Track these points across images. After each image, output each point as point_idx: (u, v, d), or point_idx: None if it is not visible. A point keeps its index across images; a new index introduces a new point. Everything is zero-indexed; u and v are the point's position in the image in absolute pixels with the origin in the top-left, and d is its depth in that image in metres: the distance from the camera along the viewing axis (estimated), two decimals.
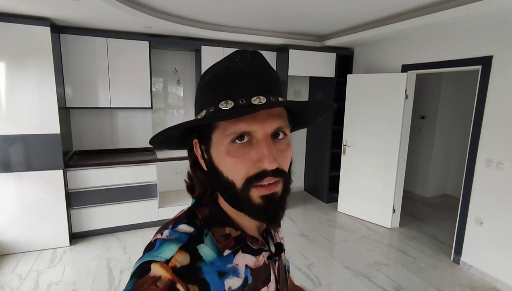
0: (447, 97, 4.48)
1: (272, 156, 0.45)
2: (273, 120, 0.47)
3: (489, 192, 2.64)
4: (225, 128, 0.46)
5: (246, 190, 0.46)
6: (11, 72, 2.63)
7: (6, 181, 2.73)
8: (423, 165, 4.71)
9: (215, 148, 0.48)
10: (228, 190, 0.48)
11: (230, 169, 0.47)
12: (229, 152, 0.46)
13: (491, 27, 2.54)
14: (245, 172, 0.46)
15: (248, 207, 0.47)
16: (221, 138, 0.47)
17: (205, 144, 0.50)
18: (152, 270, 0.41)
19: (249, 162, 0.46)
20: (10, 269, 2.61)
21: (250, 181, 0.46)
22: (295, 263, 2.82)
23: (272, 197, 0.47)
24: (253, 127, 0.45)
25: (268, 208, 0.47)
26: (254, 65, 0.49)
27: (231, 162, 0.46)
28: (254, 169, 0.46)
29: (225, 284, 0.46)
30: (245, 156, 0.46)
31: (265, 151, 0.45)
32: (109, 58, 3.18)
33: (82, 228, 3.12)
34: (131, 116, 3.66)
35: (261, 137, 0.46)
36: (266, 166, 0.45)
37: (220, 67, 0.49)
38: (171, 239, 0.46)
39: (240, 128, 0.45)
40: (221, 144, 0.47)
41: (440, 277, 2.69)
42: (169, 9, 2.74)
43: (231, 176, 0.47)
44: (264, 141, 0.46)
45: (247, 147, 0.46)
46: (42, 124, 2.76)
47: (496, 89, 2.55)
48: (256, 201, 0.46)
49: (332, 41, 3.72)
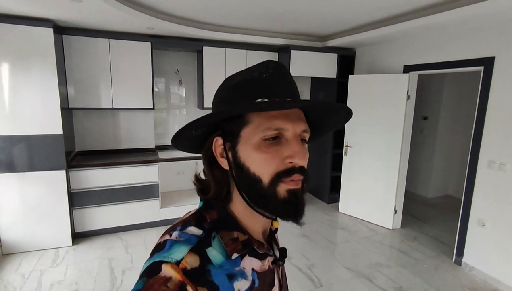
0: (450, 98, 4.47)
1: (302, 153, 0.48)
2: (301, 123, 0.51)
3: (491, 193, 2.63)
4: (259, 124, 0.48)
5: (274, 185, 0.48)
6: (15, 73, 2.65)
7: (9, 181, 2.76)
8: (425, 166, 4.69)
9: (243, 143, 0.50)
10: (253, 187, 0.49)
11: (259, 164, 0.48)
12: (259, 147, 0.48)
13: (493, 28, 2.53)
14: (274, 168, 0.48)
15: (274, 202, 0.48)
16: (253, 134, 0.49)
17: (231, 141, 0.51)
18: (163, 270, 0.42)
19: (279, 159, 0.48)
20: (14, 269, 2.63)
21: (279, 176, 0.48)
22: (296, 264, 2.83)
23: (297, 192, 0.49)
24: (286, 125, 0.48)
25: (293, 202, 0.48)
26: (284, 74, 0.52)
27: (261, 157, 0.48)
28: (283, 165, 0.48)
29: (234, 286, 0.46)
30: (276, 152, 0.48)
31: (297, 147, 0.48)
32: (111, 59, 3.20)
33: (84, 228, 3.15)
34: (133, 116, 3.68)
35: (291, 136, 0.49)
36: (297, 161, 0.48)
37: (250, 73, 0.52)
38: (181, 240, 0.46)
39: (275, 125, 0.48)
40: (251, 139, 0.49)
41: (441, 278, 2.68)
42: (171, 10, 2.76)
43: (259, 172, 0.48)
44: (295, 140, 0.49)
45: (277, 145, 0.49)
46: (45, 124, 2.78)
47: (498, 90, 2.54)
48: (282, 195, 0.48)
49: (334, 42, 3.71)
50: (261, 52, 3.84)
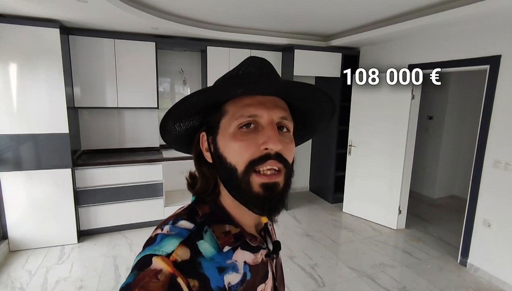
0: (455, 97, 4.42)
1: (276, 137, 0.47)
2: (279, 110, 0.50)
3: (497, 193, 2.60)
4: (234, 112, 0.49)
5: (247, 174, 0.47)
6: (22, 73, 2.69)
7: (17, 179, 2.80)
8: (431, 166, 4.65)
9: (222, 134, 0.50)
10: (230, 177, 0.49)
11: (235, 152, 0.48)
12: (235, 135, 0.49)
13: (499, 26, 2.50)
14: (248, 155, 0.48)
15: (248, 195, 0.48)
16: (229, 123, 0.49)
17: (213, 133, 0.52)
18: (154, 263, 0.42)
19: (254, 146, 0.48)
20: (21, 265, 2.68)
21: (252, 163, 0.47)
22: (299, 263, 2.83)
23: (273, 186, 0.48)
24: (260, 112, 0.48)
25: (267, 197, 0.48)
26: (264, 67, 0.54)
27: (236, 145, 0.48)
28: (258, 152, 0.47)
29: (224, 279, 0.47)
30: (251, 140, 0.48)
31: (271, 133, 0.48)
32: (116, 59, 3.23)
33: (89, 225, 3.18)
34: (138, 116, 3.71)
35: (267, 122, 0.49)
36: (270, 146, 0.47)
37: (231, 71, 0.55)
38: (172, 234, 0.47)
39: (249, 112, 0.48)
40: (228, 129, 0.49)
41: (446, 279, 2.65)
42: (175, 10, 2.78)
43: (234, 161, 0.48)
44: (270, 125, 0.49)
45: (253, 133, 0.49)
46: (52, 124, 2.82)
47: (504, 89, 2.51)
48: (256, 189, 0.47)
49: (338, 41, 3.70)
50: (265, 51, 3.84)
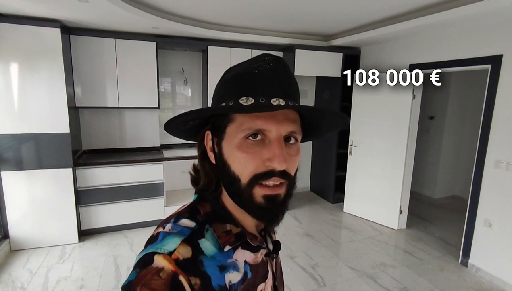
0: (456, 97, 4.41)
1: (283, 157, 0.46)
2: (288, 124, 0.48)
3: (498, 193, 2.59)
4: (242, 122, 0.47)
5: (250, 187, 0.47)
6: (23, 73, 2.70)
7: (18, 179, 2.81)
8: (432, 166, 4.64)
9: (227, 141, 0.49)
10: (232, 185, 0.49)
11: (239, 163, 0.48)
12: (241, 146, 0.47)
13: (501, 25, 2.49)
14: (253, 169, 0.47)
15: (249, 204, 0.48)
16: (235, 132, 0.48)
17: (218, 136, 0.51)
18: (155, 261, 0.42)
19: (259, 160, 0.47)
20: (22, 264, 2.68)
21: (256, 178, 0.47)
22: (299, 263, 2.82)
23: (275, 198, 0.48)
24: (269, 126, 0.47)
25: (268, 208, 0.48)
26: (277, 69, 0.50)
27: (241, 156, 0.47)
28: (263, 167, 0.47)
29: (225, 278, 0.47)
30: (256, 153, 0.47)
31: (277, 150, 0.46)
32: (117, 58, 3.24)
33: (90, 225, 3.19)
34: (138, 116, 3.72)
35: (274, 137, 0.47)
36: (275, 165, 0.46)
37: (245, 66, 0.51)
38: (173, 232, 0.47)
39: (257, 125, 0.46)
40: (234, 138, 0.48)
41: (447, 279, 2.65)
42: (176, 10, 2.78)
43: (238, 171, 0.48)
44: (277, 142, 0.47)
45: (259, 145, 0.47)
46: (53, 123, 2.83)
47: (506, 88, 2.50)
48: (258, 199, 0.47)
49: (339, 41, 3.70)
50: (266, 51, 3.81)
